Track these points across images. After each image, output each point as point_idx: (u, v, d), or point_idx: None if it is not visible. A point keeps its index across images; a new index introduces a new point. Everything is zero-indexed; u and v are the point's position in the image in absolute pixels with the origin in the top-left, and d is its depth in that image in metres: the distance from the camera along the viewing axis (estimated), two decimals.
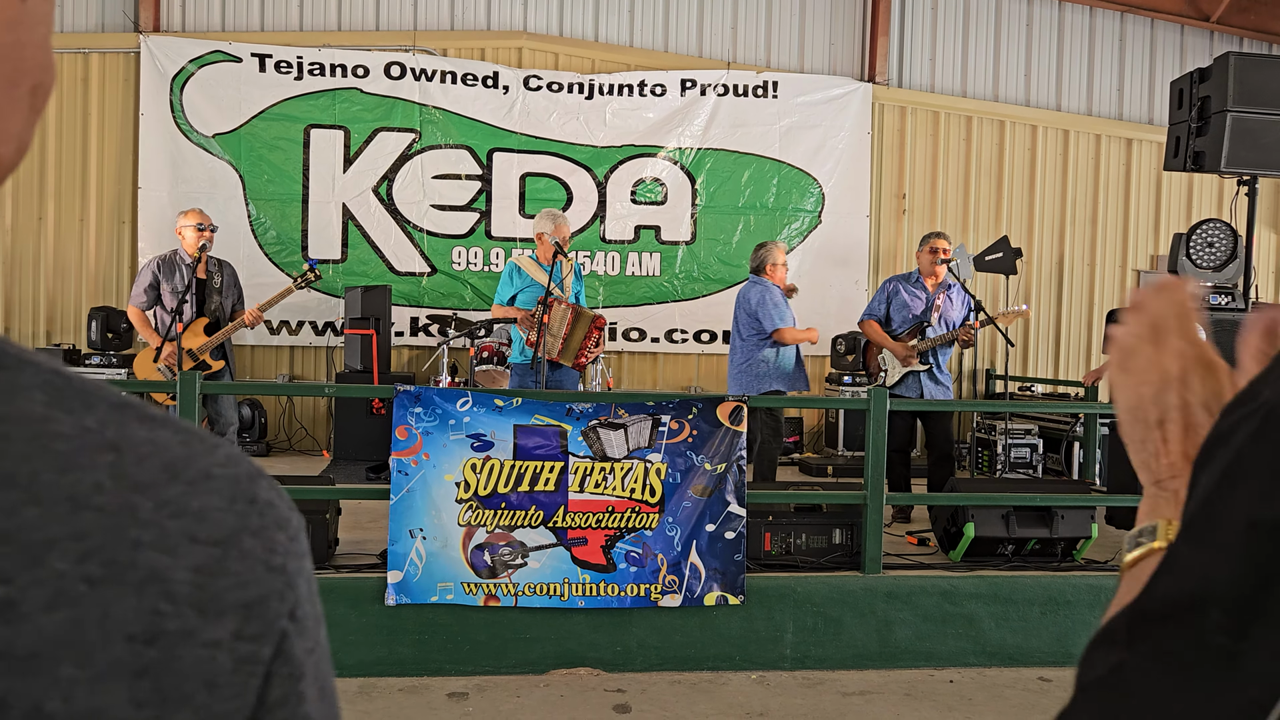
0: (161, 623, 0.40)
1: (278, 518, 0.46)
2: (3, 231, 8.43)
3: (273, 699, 0.43)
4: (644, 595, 4.46)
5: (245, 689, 0.42)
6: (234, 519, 0.44)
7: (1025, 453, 8.21)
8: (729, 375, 6.27)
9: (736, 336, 6.23)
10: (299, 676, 0.44)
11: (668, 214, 9.12)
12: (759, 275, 6.22)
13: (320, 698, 0.46)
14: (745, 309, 6.13)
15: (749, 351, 6.09)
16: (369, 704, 4.00)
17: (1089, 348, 9.80)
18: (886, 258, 9.46)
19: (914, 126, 9.51)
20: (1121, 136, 9.84)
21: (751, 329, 6.08)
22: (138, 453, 0.43)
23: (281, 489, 0.48)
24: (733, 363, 6.24)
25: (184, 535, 0.42)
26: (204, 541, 0.42)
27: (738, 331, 6.22)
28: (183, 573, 0.41)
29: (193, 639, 0.41)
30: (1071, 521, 4.97)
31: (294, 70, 8.59)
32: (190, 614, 0.41)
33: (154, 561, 0.41)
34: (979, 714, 4.10)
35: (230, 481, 0.45)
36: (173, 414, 0.47)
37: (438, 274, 8.84)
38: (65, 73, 8.45)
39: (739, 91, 9.14)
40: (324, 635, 0.48)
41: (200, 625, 0.41)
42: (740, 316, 6.18)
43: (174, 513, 0.42)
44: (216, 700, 0.41)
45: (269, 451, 8.35)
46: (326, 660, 0.48)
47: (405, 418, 4.40)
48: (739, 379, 6.12)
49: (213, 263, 5.95)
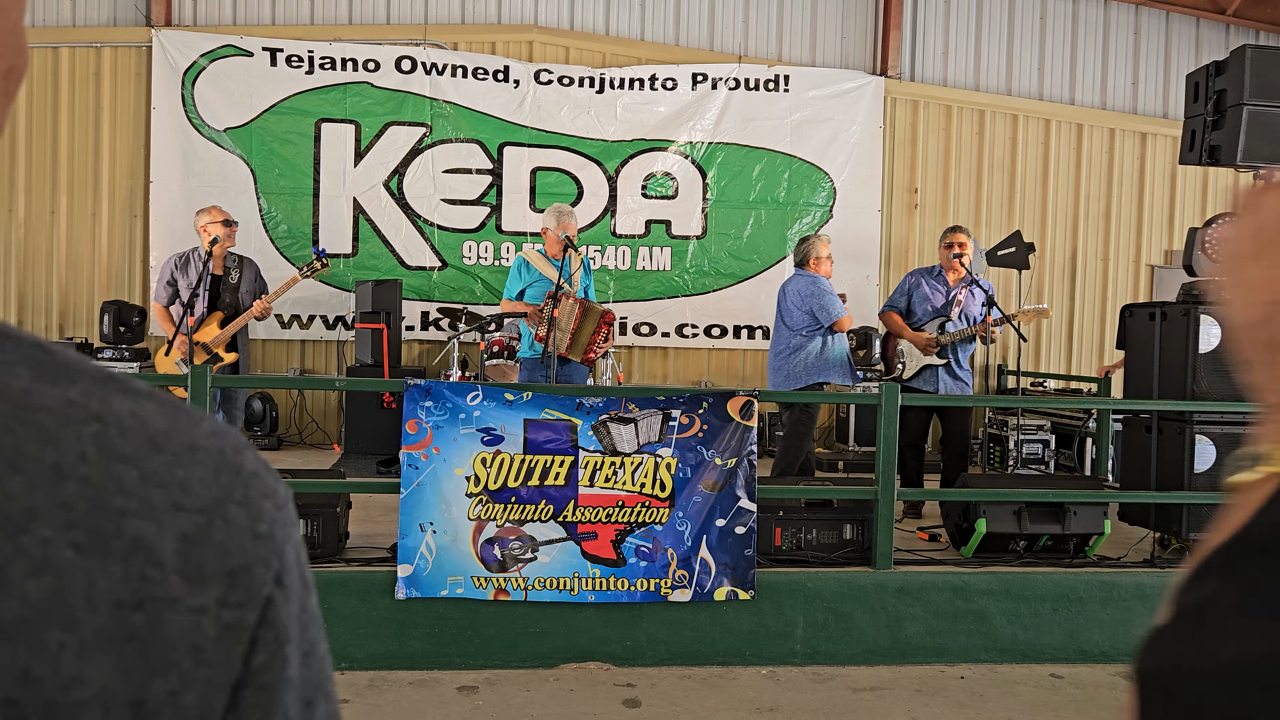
0: (148, 589, 0.40)
1: (264, 488, 0.46)
2: (16, 225, 8.46)
3: (257, 664, 0.44)
4: (654, 590, 4.46)
5: (231, 655, 0.43)
6: (219, 489, 0.44)
7: (1037, 448, 8.17)
8: (772, 368, 6.09)
9: (783, 329, 6.04)
10: (284, 641, 0.45)
11: (678, 208, 9.10)
12: (804, 268, 6.06)
13: (305, 662, 0.46)
14: (795, 302, 5.95)
15: (800, 344, 5.93)
16: (379, 697, 4.01)
17: (1102, 343, 9.75)
18: (898, 252, 9.43)
19: (926, 120, 9.46)
20: (1136, 131, 9.77)
21: (803, 322, 5.91)
22: (121, 425, 0.43)
23: (268, 462, 0.48)
24: (777, 356, 6.05)
25: (169, 504, 0.42)
26: (189, 510, 0.43)
27: (784, 325, 6.03)
28: (168, 540, 0.42)
29: (179, 605, 0.41)
30: (1084, 518, 4.94)
31: (305, 64, 8.60)
32: (176, 581, 0.41)
33: (139, 529, 0.41)
34: (990, 711, 4.08)
35: (216, 453, 0.45)
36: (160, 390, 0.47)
37: (448, 268, 8.84)
38: (78, 67, 8.48)
39: (750, 85, 9.11)
40: (313, 602, 0.48)
41: (186, 592, 0.41)
42: (788, 309, 6.00)
43: (159, 482, 0.42)
44: (202, 665, 0.41)
45: (280, 445, 8.37)
46: (316, 626, 0.48)
47: (415, 411, 4.40)
48: (788, 372, 5.95)
49: (231, 259, 5.95)
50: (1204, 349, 4.91)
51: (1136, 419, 5.36)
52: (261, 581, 0.44)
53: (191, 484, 0.43)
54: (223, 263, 5.92)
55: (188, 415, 0.46)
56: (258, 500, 0.45)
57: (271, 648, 0.44)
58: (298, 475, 4.69)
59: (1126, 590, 4.77)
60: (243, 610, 0.43)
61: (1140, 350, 5.29)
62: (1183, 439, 4.94)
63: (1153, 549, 5.14)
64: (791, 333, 5.99)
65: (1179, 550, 5.14)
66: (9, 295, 8.48)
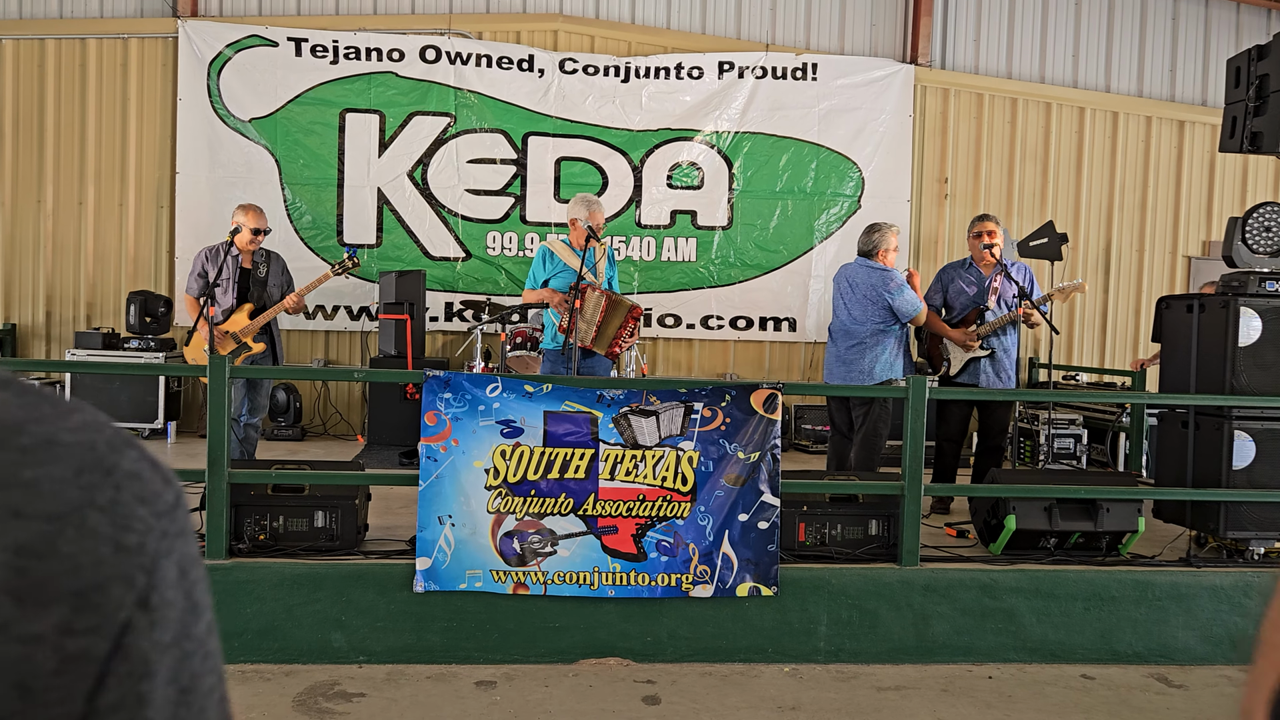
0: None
1: (141, 491, 0.39)
2: (44, 216, 8.51)
3: (105, 703, 0.36)
4: (675, 585, 4.39)
5: (71, 692, 0.35)
6: (78, 492, 0.37)
7: (1069, 443, 8.02)
8: (839, 361, 5.79)
9: (849, 322, 5.77)
10: (143, 676, 0.37)
11: (704, 199, 9.00)
12: (871, 259, 5.80)
13: (181, 701, 0.39)
14: (867, 294, 5.69)
15: (870, 340, 5.68)
16: (396, 691, 3.97)
17: (1137, 335, 9.55)
18: (928, 243, 9.28)
19: (957, 109, 9.30)
20: (1173, 119, 9.56)
21: (875, 316, 5.67)
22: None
23: (158, 461, 0.40)
24: (848, 350, 5.76)
25: (6, 510, 0.35)
26: (31, 517, 0.36)
27: (849, 316, 5.76)
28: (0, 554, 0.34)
29: (6, 633, 0.34)
30: (1117, 515, 4.81)
31: (329, 54, 8.58)
32: (5, 603, 0.34)
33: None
34: (1019, 711, 3.98)
35: (82, 449, 0.38)
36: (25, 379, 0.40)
37: (472, 259, 8.80)
38: (105, 58, 8.51)
39: (777, 74, 8.99)
40: (202, 628, 0.40)
41: (17, 616, 0.34)
42: (857, 301, 5.73)
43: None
44: (32, 706, 0.34)
45: (304, 436, 8.38)
46: (205, 657, 0.40)
47: (434, 403, 4.36)
48: (861, 369, 5.70)
49: (260, 253, 6.00)
50: (1244, 342, 4.76)
51: (1172, 414, 5.22)
52: (118, 603, 0.37)
53: (41, 486, 0.36)
54: (251, 257, 5.96)
55: (54, 406, 0.39)
56: (129, 505, 0.38)
57: (125, 684, 0.37)
58: (316, 467, 4.66)
59: (1161, 590, 4.64)
60: (91, 638, 0.36)
61: (1177, 343, 5.14)
62: (1221, 434, 4.80)
63: (1189, 547, 5.00)
64: (861, 328, 5.72)
65: (1216, 549, 5.00)
66: (38, 286, 8.54)
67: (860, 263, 5.85)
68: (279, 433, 8.23)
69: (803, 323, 9.10)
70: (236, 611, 4.21)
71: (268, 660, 4.22)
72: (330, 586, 4.27)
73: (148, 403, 7.86)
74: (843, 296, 5.88)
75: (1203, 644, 4.65)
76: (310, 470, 4.56)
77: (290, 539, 4.46)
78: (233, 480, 4.33)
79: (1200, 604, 4.66)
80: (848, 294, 5.84)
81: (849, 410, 5.87)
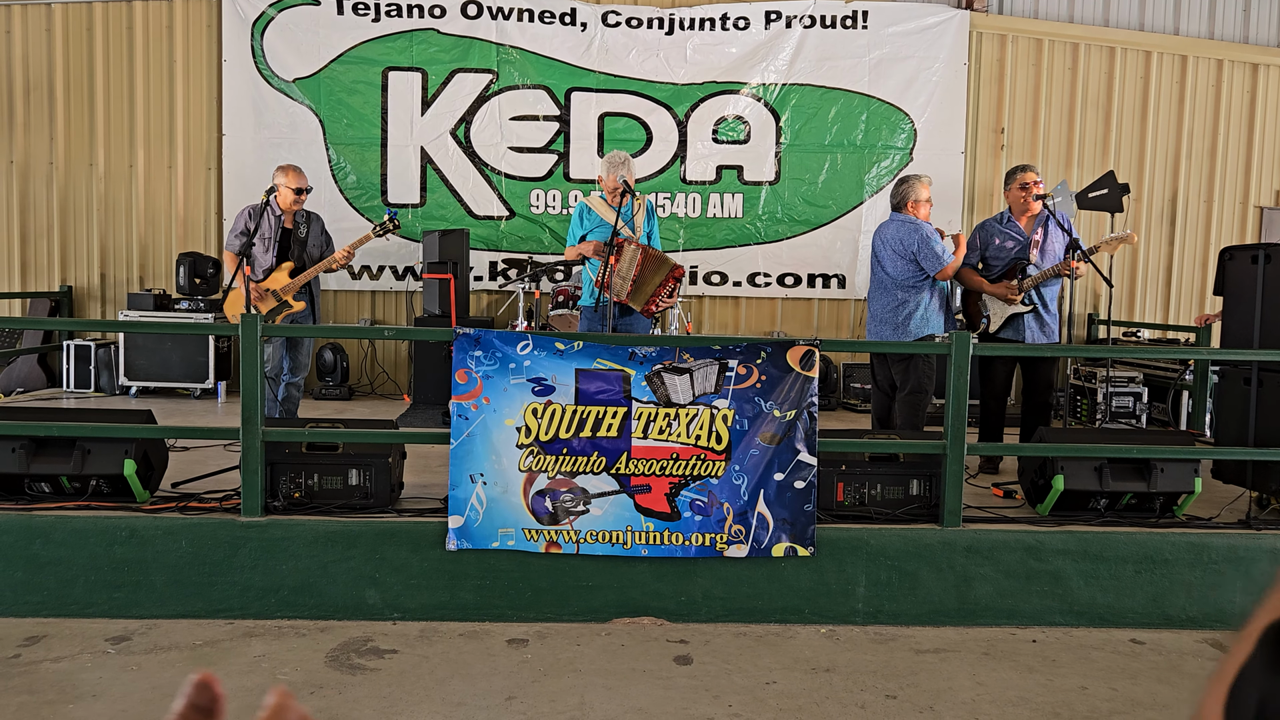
0: None
1: None
2: (96, 179, 8.63)
3: None
4: (709, 545, 4.33)
5: None
6: None
7: (1128, 402, 7.76)
8: (878, 321, 5.70)
9: (885, 280, 5.66)
10: None
11: (750, 153, 8.81)
12: (901, 212, 5.68)
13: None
14: (896, 249, 5.58)
15: (906, 297, 5.58)
16: (428, 648, 3.98)
17: (1203, 290, 9.18)
18: (983, 197, 8.99)
19: (1015, 56, 8.95)
20: (1246, 61, 9.08)
21: (907, 271, 5.55)
22: None
23: None
24: (884, 309, 5.67)
25: None
26: None
27: (885, 274, 5.66)
28: None
29: None
30: (1172, 475, 4.62)
31: (371, 12, 8.52)
32: None
33: None
34: (1062, 675, 3.86)
35: None
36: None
37: (516, 217, 8.74)
38: (151, 20, 8.55)
39: (826, 22, 8.72)
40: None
41: None
42: (889, 257, 5.63)
43: None
44: None
45: (351, 395, 8.45)
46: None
47: (465, 361, 4.32)
48: (895, 326, 5.61)
49: (300, 214, 6.03)
50: None
51: (1235, 370, 4.99)
52: None
53: None
54: (293, 216, 6.00)
55: None
56: None
57: None
58: (349, 425, 4.67)
59: (1218, 553, 4.46)
60: None
61: (1241, 296, 4.90)
62: None
63: (1249, 509, 4.80)
64: (895, 284, 5.60)
65: (1278, 511, 4.78)
66: (93, 248, 8.68)
67: (892, 217, 5.71)
68: (326, 392, 8.30)
69: (852, 279, 8.90)
70: (272, 568, 4.25)
71: (303, 616, 4.25)
72: (364, 544, 4.28)
73: (198, 363, 7.98)
74: (877, 253, 5.77)
75: None
76: (344, 429, 4.56)
77: (325, 497, 4.49)
78: (267, 438, 4.35)
79: (1259, 567, 4.47)
80: (881, 250, 5.72)
81: (889, 368, 5.74)
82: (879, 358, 5.82)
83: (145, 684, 3.55)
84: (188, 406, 7.57)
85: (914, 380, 5.54)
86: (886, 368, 5.75)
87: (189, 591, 4.23)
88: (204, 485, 4.82)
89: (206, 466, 5.21)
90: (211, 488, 4.77)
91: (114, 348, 8.13)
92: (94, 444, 4.36)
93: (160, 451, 4.67)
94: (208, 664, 3.77)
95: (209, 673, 0.52)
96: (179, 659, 3.82)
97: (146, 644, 3.96)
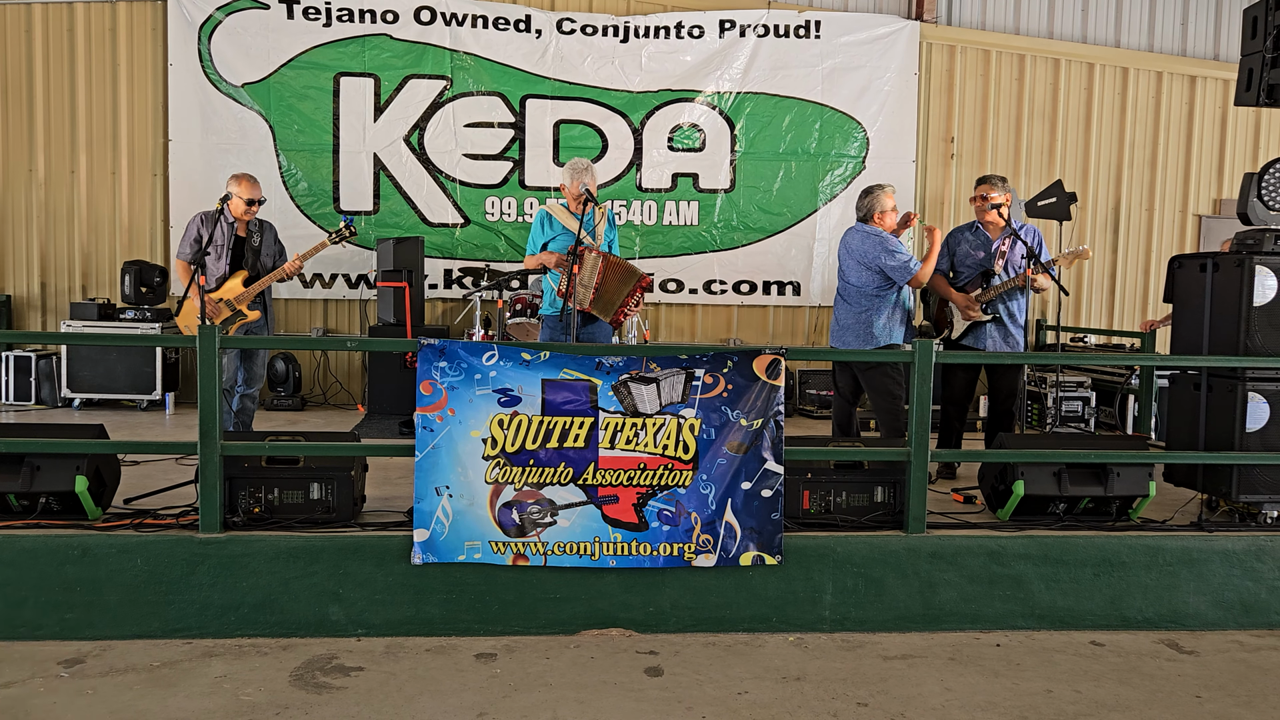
0: None
1: None
2: (36, 185, 8.39)
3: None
4: (677, 555, 4.32)
5: None
6: None
7: (1077, 406, 7.92)
8: (843, 328, 5.71)
9: (849, 289, 5.68)
10: None
11: (706, 161, 8.85)
12: (867, 224, 5.69)
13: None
14: (861, 260, 5.60)
15: (870, 305, 5.60)
16: (395, 664, 3.91)
17: (1146, 296, 9.42)
18: (934, 204, 9.13)
19: (964, 66, 9.11)
20: (1185, 74, 9.35)
21: (872, 281, 5.57)
22: None
23: None
24: (849, 316, 5.68)
25: None
26: None
27: (849, 284, 5.68)
28: None
29: None
30: (1127, 479, 4.72)
31: (322, 17, 8.40)
32: None
33: None
34: (1027, 679, 3.92)
35: None
36: None
37: (471, 225, 8.68)
38: (93, 23, 8.34)
39: (780, 32, 8.80)
40: None
41: None
42: (853, 268, 5.65)
43: None
44: None
45: (304, 405, 8.30)
46: None
47: (430, 372, 4.27)
48: (859, 334, 5.63)
49: (253, 223, 5.93)
50: (1259, 301, 4.64)
51: (1184, 375, 5.11)
52: None
53: None
54: (245, 225, 5.89)
55: None
56: None
57: None
58: (312, 437, 4.58)
59: (1172, 555, 4.56)
60: None
61: (1189, 303, 5.02)
62: (1234, 396, 4.70)
63: (1200, 512, 4.92)
64: (859, 293, 5.63)
65: (1228, 513, 4.91)
66: (32, 256, 8.43)
67: (857, 228, 5.75)
68: (278, 403, 8.15)
69: (807, 286, 8.97)
70: (232, 586, 4.15)
71: (264, 634, 4.16)
72: (327, 559, 4.20)
73: (145, 374, 7.78)
74: (841, 262, 5.81)
75: (1214, 609, 4.57)
76: (304, 441, 4.47)
77: (286, 511, 4.39)
78: (225, 452, 4.25)
79: (1212, 569, 4.58)
80: (845, 259, 5.75)
81: (853, 375, 5.79)
82: (841, 365, 5.87)
83: (102, 708, 3.44)
84: (135, 419, 7.38)
85: (883, 387, 5.57)
86: (849, 375, 5.80)
87: (145, 611, 4.12)
88: (159, 501, 4.70)
89: (159, 482, 5.08)
90: (167, 504, 4.64)
91: (55, 358, 7.90)
92: (43, 460, 4.22)
93: (113, 467, 4.53)
94: (167, 686, 3.67)
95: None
96: (136, 681, 3.71)
97: (102, 666, 3.84)
